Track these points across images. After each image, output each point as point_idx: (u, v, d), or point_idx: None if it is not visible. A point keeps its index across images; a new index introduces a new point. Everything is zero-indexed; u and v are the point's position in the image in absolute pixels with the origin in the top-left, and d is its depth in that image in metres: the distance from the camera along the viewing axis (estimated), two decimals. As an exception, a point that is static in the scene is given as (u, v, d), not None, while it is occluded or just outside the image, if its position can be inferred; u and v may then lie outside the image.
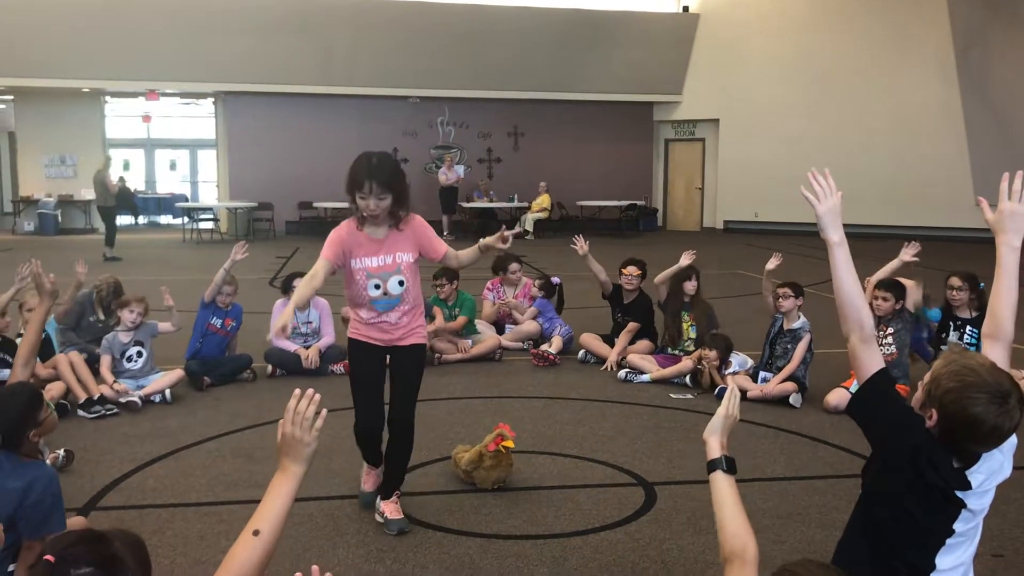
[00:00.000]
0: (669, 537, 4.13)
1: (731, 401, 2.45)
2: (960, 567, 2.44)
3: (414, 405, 4.28)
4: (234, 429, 5.78)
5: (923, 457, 2.32)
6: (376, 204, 4.01)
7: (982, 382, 2.26)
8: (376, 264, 4.14)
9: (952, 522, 2.37)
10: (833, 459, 5.28)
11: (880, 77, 19.41)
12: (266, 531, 2.13)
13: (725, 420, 2.43)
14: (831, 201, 2.54)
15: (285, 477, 2.20)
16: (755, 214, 21.07)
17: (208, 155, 24.96)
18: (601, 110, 21.83)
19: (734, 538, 2.18)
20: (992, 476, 2.37)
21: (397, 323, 4.22)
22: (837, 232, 2.51)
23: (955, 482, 2.33)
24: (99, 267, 9.34)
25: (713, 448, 2.39)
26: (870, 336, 2.44)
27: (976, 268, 6.50)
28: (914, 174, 18.95)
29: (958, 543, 2.41)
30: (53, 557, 1.79)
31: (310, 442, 2.19)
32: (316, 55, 19.44)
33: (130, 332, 6.52)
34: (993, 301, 2.63)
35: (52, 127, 20.60)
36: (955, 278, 6.46)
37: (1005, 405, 2.24)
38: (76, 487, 4.64)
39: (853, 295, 2.45)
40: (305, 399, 2.20)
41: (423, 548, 4.01)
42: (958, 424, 2.27)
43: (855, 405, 2.49)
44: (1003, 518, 4.17)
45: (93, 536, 1.91)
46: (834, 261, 2.49)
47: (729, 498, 2.28)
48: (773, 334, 6.69)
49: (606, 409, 6.34)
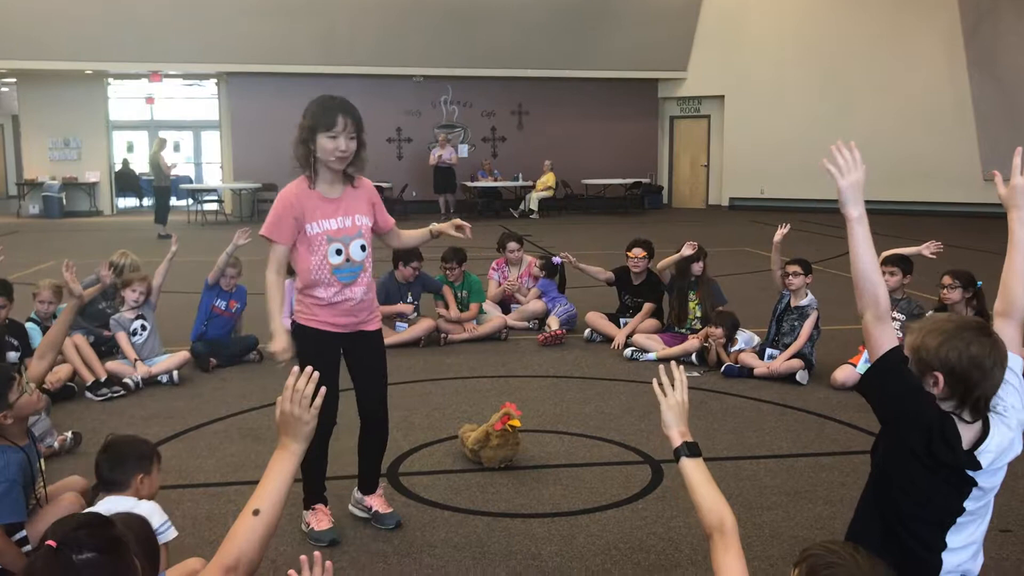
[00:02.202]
0: (676, 515, 4.14)
1: (676, 388, 2.43)
2: (972, 545, 2.44)
3: (387, 399, 4.01)
4: (241, 410, 5.80)
5: (935, 435, 2.31)
6: (347, 145, 3.60)
7: (962, 324, 2.38)
8: (335, 227, 3.70)
9: (963, 500, 2.37)
10: (840, 436, 5.28)
11: (887, 52, 19.26)
12: (266, 510, 2.13)
13: (673, 410, 2.42)
14: (854, 175, 2.44)
15: (284, 455, 2.20)
16: (761, 191, 21.00)
17: (212, 136, 24.92)
18: (606, 87, 21.71)
19: (710, 514, 2.23)
20: (1002, 454, 2.36)
21: (362, 300, 3.78)
22: (857, 207, 2.43)
23: (966, 461, 2.32)
24: (153, 245, 9.20)
25: (673, 439, 2.40)
26: (885, 313, 2.41)
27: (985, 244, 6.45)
28: (922, 150, 18.84)
29: (968, 521, 2.41)
30: (55, 543, 1.79)
31: (309, 420, 2.19)
32: (318, 34, 19.34)
33: (134, 309, 6.60)
34: (1006, 277, 2.60)
35: (55, 110, 20.55)
36: (947, 276, 6.08)
37: (988, 335, 2.35)
38: (84, 469, 4.64)
39: (870, 271, 2.41)
40: (304, 377, 2.20)
41: (431, 527, 4.02)
42: (966, 369, 2.30)
43: (866, 382, 2.47)
44: (1011, 493, 4.16)
45: (96, 520, 1.90)
46: (852, 237, 2.43)
47: (699, 480, 2.31)
48: (780, 311, 6.67)
49: (612, 388, 6.34)
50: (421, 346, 7.51)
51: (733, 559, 2.14)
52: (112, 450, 3.22)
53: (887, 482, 2.46)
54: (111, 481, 3.17)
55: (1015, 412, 2.41)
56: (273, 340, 3.65)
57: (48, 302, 6.37)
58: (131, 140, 26.65)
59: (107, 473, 3.17)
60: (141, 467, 3.19)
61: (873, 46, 19.37)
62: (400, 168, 20.87)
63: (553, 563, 3.68)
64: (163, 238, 15.06)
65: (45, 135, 20.88)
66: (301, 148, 3.67)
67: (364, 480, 4.13)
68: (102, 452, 3.23)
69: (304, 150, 3.66)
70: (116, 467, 3.17)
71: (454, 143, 20.85)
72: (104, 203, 21.56)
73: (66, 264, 4.20)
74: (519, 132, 22.04)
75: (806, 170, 19.97)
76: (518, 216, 19.92)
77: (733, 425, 5.51)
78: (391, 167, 20.97)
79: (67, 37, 18.18)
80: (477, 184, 20.49)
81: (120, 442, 3.29)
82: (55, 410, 5.59)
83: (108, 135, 21.61)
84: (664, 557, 3.74)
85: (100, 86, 21.17)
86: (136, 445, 3.28)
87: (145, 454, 3.24)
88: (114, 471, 3.16)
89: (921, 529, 2.41)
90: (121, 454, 3.20)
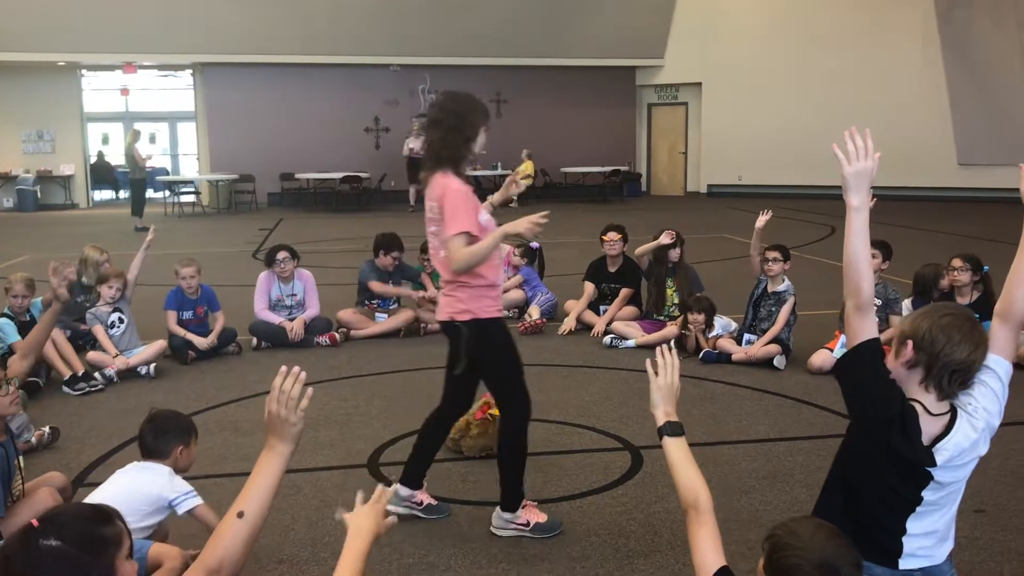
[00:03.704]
0: (655, 500, 4.17)
1: (667, 371, 2.44)
2: (933, 533, 2.47)
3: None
4: (220, 403, 5.77)
5: (895, 427, 2.36)
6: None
7: (946, 306, 2.51)
8: (486, 216, 3.77)
9: (920, 491, 2.42)
10: (817, 420, 5.33)
11: (863, 37, 19.35)
12: (251, 512, 2.09)
13: (660, 392, 2.44)
14: (861, 164, 2.43)
15: (272, 456, 2.16)
16: (739, 177, 21.08)
17: (188, 127, 24.71)
18: (583, 75, 21.70)
19: (687, 491, 2.28)
20: (962, 453, 2.39)
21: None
22: (858, 197, 2.43)
23: (922, 457, 2.37)
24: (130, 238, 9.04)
25: (658, 418, 2.44)
26: (866, 304, 2.43)
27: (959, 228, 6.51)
28: (898, 135, 18.87)
29: (930, 510, 2.45)
30: (37, 522, 1.78)
31: (296, 422, 2.14)
32: (295, 24, 19.19)
33: (110, 304, 6.57)
34: (1010, 279, 2.55)
35: (28, 102, 20.32)
36: (957, 259, 6.29)
37: (969, 319, 2.41)
38: (63, 464, 4.64)
39: (857, 260, 2.43)
40: (290, 377, 2.14)
41: (411, 517, 4.02)
42: (934, 336, 2.36)
43: (838, 368, 2.52)
44: (984, 475, 4.21)
45: (88, 513, 1.88)
46: (848, 225, 2.44)
47: (678, 457, 2.36)
48: (757, 296, 6.71)
49: (592, 375, 6.36)
50: (401, 336, 7.51)
51: (707, 534, 2.20)
52: (156, 421, 3.53)
53: (851, 464, 2.51)
54: (153, 450, 3.46)
55: (985, 415, 2.41)
56: (514, 225, 3.64)
57: (22, 296, 6.31)
58: (106, 132, 26.35)
59: (150, 442, 3.47)
60: (181, 439, 3.48)
61: (849, 33, 19.45)
62: (378, 158, 20.79)
63: (534, 550, 3.70)
64: (140, 231, 14.95)
65: (18, 128, 20.64)
66: (463, 143, 3.67)
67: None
68: (147, 423, 3.53)
69: (465, 145, 3.67)
70: (159, 437, 3.47)
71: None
72: (79, 196, 21.36)
73: (53, 268, 4.01)
74: (497, 120, 21.94)
75: (783, 157, 20.11)
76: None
77: (711, 410, 5.55)
78: (369, 157, 20.90)
79: (39, 28, 17.96)
80: (456, 173, 20.39)
81: (163, 415, 3.62)
82: (31, 405, 5.55)
83: (83, 127, 21.39)
84: (644, 542, 3.77)
85: (74, 77, 20.95)
86: (178, 419, 3.60)
87: (185, 428, 3.54)
88: (157, 441, 3.46)
89: (881, 514, 2.45)
90: (164, 426, 3.51)
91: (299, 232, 14.76)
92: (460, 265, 3.57)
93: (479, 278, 3.66)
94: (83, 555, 1.79)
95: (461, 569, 3.56)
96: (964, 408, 2.42)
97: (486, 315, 3.68)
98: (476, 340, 3.68)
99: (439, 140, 3.68)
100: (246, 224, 16.26)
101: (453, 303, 3.70)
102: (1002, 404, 2.46)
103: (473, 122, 3.68)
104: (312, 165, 20.29)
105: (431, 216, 3.73)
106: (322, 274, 8.73)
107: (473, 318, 3.67)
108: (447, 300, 3.74)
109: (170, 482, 3.42)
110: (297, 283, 7.42)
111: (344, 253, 12.03)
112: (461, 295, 3.67)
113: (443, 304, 3.77)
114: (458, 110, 3.69)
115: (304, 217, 18.23)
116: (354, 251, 11.67)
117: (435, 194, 3.67)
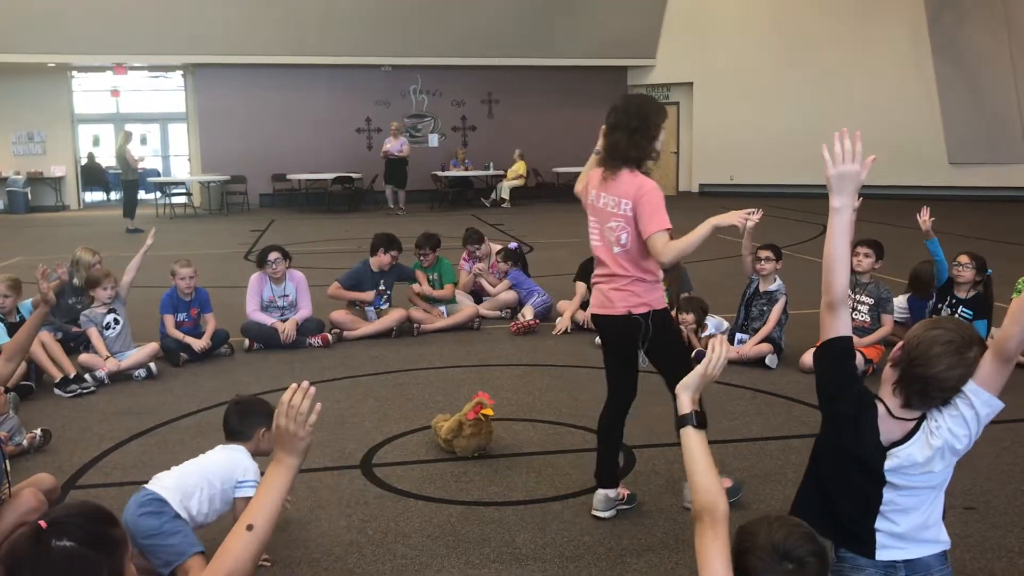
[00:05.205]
0: (648, 499, 4.18)
1: (713, 362, 2.35)
2: (902, 536, 2.49)
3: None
4: (212, 404, 5.75)
5: (850, 423, 2.42)
6: None
7: (946, 321, 2.58)
8: None
9: (880, 489, 2.45)
10: (809, 418, 5.34)
11: (854, 39, 19.42)
12: (260, 525, 2.13)
13: (702, 379, 2.37)
14: (846, 167, 2.46)
15: (280, 469, 2.20)
16: (730, 177, 21.13)
17: (179, 129, 24.65)
18: (575, 75, 21.71)
19: (705, 494, 2.17)
20: (913, 466, 2.43)
21: None
22: (840, 199, 2.46)
23: (870, 454, 2.42)
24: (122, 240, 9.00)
25: (684, 403, 2.35)
26: (836, 302, 2.48)
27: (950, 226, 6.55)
28: (888, 135, 18.99)
29: (895, 511, 2.48)
30: (45, 523, 1.77)
31: (304, 436, 2.19)
32: (286, 25, 19.17)
33: (105, 305, 6.55)
34: (1011, 315, 2.42)
35: (18, 103, 20.25)
36: (964, 255, 6.41)
37: (961, 339, 2.43)
38: (54, 466, 4.62)
39: (831, 260, 2.47)
40: (300, 392, 2.19)
41: (404, 517, 4.03)
42: (914, 345, 2.42)
43: (813, 363, 2.63)
44: (975, 472, 4.23)
45: (96, 513, 1.87)
46: (830, 225, 2.49)
47: (700, 454, 2.27)
48: (749, 296, 6.73)
49: (584, 375, 6.37)
50: (393, 336, 7.51)
51: (722, 547, 2.08)
52: (241, 405, 3.71)
53: (820, 460, 2.58)
54: (237, 432, 3.61)
55: (947, 436, 2.41)
56: (725, 217, 3.68)
57: (4, 296, 6.27)
58: (97, 134, 26.26)
59: (235, 424, 3.63)
60: (264, 422, 3.54)
61: (840, 34, 19.52)
62: (370, 159, 20.77)
63: (527, 550, 3.71)
64: (132, 232, 14.94)
65: (8, 129, 20.57)
66: (648, 143, 3.86)
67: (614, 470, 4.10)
68: (232, 405, 3.72)
69: (650, 144, 3.86)
70: (244, 419, 3.62)
71: (426, 133, 20.66)
72: (71, 197, 21.29)
73: (42, 271, 4.01)
74: (489, 121, 22.01)
75: (775, 156, 20.16)
76: (489, 205, 19.90)
77: (704, 410, 5.54)
78: (361, 158, 20.87)
79: (29, 29, 17.90)
80: (448, 173, 20.44)
81: (248, 399, 3.82)
82: (23, 407, 5.54)
83: (73, 128, 21.33)
84: (637, 541, 3.78)
85: (64, 79, 20.88)
86: (262, 404, 3.73)
87: (269, 412, 3.51)
88: (242, 423, 3.61)
89: (848, 508, 2.50)
90: (248, 409, 3.67)
91: (291, 233, 14.74)
92: (671, 257, 3.76)
93: (652, 274, 3.86)
94: (96, 555, 1.78)
95: (454, 569, 3.56)
96: (928, 424, 2.44)
97: (660, 306, 3.90)
98: (656, 329, 3.83)
99: (626, 140, 3.84)
100: (238, 225, 16.23)
101: (629, 297, 3.85)
102: (972, 431, 2.44)
103: (656, 123, 3.88)
104: (304, 166, 20.28)
105: (611, 211, 3.86)
106: (314, 275, 8.72)
107: (651, 310, 3.84)
108: (621, 295, 3.86)
109: (248, 463, 3.51)
110: (289, 284, 7.41)
111: (336, 254, 12.03)
112: (637, 289, 3.84)
113: (616, 299, 3.87)
114: (641, 112, 3.87)
115: (296, 218, 18.21)
116: (346, 252, 11.66)
117: (625, 191, 3.81)
